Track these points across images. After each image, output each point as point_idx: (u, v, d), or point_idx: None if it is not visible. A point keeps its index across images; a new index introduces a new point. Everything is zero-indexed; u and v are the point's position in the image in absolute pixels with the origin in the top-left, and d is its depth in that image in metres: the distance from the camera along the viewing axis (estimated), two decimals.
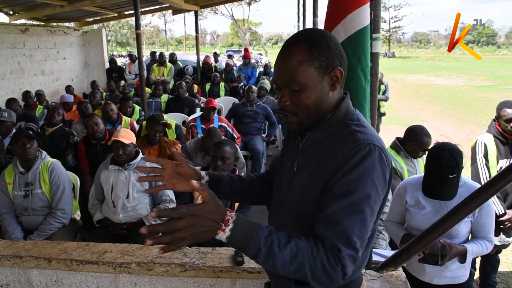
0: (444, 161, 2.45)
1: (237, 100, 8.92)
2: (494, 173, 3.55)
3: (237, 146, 5.03)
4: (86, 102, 6.69)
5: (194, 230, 1.17)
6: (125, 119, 5.95)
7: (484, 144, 3.61)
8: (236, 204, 3.47)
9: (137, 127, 5.94)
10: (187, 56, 16.84)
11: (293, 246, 1.22)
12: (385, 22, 61.94)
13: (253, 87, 7.22)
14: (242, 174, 3.70)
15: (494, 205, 3.36)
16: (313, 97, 1.37)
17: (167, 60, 11.72)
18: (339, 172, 1.29)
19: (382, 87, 9.26)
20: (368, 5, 2.24)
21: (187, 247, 2.58)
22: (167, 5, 11.53)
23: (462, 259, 2.54)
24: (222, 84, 10.08)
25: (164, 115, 5.67)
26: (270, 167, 1.89)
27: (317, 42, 1.35)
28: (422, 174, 2.70)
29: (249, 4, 57.86)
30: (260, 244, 1.20)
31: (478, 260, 3.86)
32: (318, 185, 1.36)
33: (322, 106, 1.39)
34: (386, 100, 9.52)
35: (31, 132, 3.71)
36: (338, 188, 1.28)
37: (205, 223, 1.18)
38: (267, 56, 41.35)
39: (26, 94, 7.67)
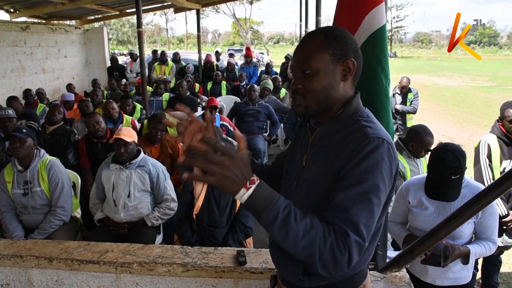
0: (447, 162, 2.43)
1: (238, 99, 8.90)
2: (497, 174, 3.54)
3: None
4: (87, 100, 6.67)
5: (225, 172, 1.18)
6: (127, 117, 5.93)
7: (488, 144, 3.60)
8: (238, 202, 3.47)
9: (138, 125, 5.92)
10: (189, 54, 16.86)
11: (307, 221, 1.24)
12: (387, 21, 61.68)
13: (255, 86, 7.21)
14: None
15: (497, 206, 3.34)
16: (324, 82, 1.41)
17: (169, 59, 11.70)
18: (349, 164, 1.32)
19: (410, 95, 7.71)
20: (383, 4, 2.24)
21: (189, 247, 2.57)
22: (169, 3, 11.52)
23: (465, 261, 2.53)
24: (223, 83, 10.08)
25: (165, 113, 5.65)
26: (276, 160, 1.89)
27: (335, 34, 1.43)
28: (425, 174, 2.68)
29: (251, 3, 57.76)
30: (279, 211, 1.22)
31: (480, 261, 3.85)
32: (328, 177, 1.40)
33: (331, 94, 1.44)
34: (413, 112, 7.72)
35: (24, 130, 3.68)
36: (348, 179, 1.32)
37: (236, 171, 1.19)
38: (269, 55, 41.32)
39: (26, 92, 7.65)
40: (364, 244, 1.28)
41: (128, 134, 3.69)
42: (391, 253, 2.57)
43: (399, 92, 7.71)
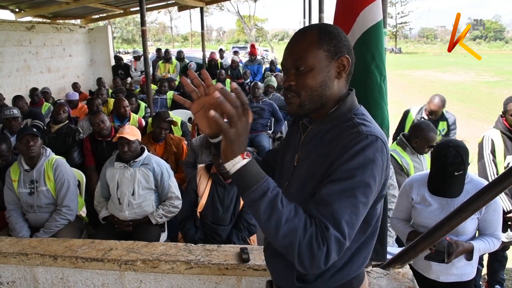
0: (450, 158, 2.43)
1: None
2: (501, 169, 3.53)
3: None
4: (98, 99, 6.64)
5: (240, 131, 1.18)
6: (133, 116, 5.93)
7: (491, 140, 3.58)
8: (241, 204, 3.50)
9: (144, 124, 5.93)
10: (193, 52, 16.85)
11: (292, 208, 1.23)
12: (391, 17, 61.68)
13: (259, 83, 7.20)
14: None
15: (502, 201, 3.33)
16: (319, 79, 1.37)
17: (174, 57, 11.70)
18: (339, 160, 1.28)
19: (442, 125, 5.07)
20: (379, 0, 2.23)
21: (193, 245, 2.58)
22: (173, 1, 11.53)
23: (469, 257, 2.52)
24: (228, 80, 10.07)
25: (169, 112, 5.66)
26: (266, 156, 1.86)
27: (328, 30, 1.39)
28: (428, 170, 2.68)
29: (255, 0, 57.73)
30: (269, 188, 1.21)
31: (485, 257, 3.84)
32: (317, 175, 1.35)
33: (326, 91, 1.39)
34: None
35: (35, 130, 3.72)
36: (336, 174, 1.27)
37: (244, 135, 1.20)
38: (273, 52, 41.20)
39: (33, 92, 7.68)
40: (344, 242, 1.22)
41: (132, 133, 3.70)
42: (395, 250, 2.58)
43: (426, 118, 4.97)
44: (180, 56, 12.03)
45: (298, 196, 1.44)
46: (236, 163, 1.20)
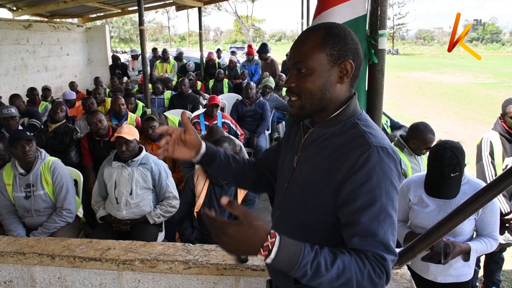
0: (446, 159, 2.43)
1: (240, 96, 8.90)
2: (499, 171, 3.53)
3: (240, 143, 5.04)
4: (91, 98, 6.65)
5: (233, 246, 1.17)
6: (131, 115, 5.93)
7: (490, 142, 3.59)
8: (240, 198, 3.47)
9: None
10: (191, 52, 16.85)
11: (339, 263, 1.22)
12: (389, 19, 61.79)
13: (251, 83, 7.21)
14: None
15: (500, 203, 3.34)
16: (318, 83, 1.36)
17: (171, 57, 11.66)
18: (355, 178, 1.28)
19: (383, 118, 4.61)
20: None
21: (191, 244, 2.58)
22: (171, 1, 11.51)
23: (466, 257, 2.53)
24: (225, 80, 10.04)
25: (167, 112, 5.66)
26: (263, 156, 1.86)
27: (335, 33, 1.36)
28: (425, 172, 2.68)
29: (253, 0, 57.75)
30: (307, 269, 1.18)
31: (482, 258, 3.84)
32: (328, 186, 1.35)
33: (326, 95, 1.38)
34: None
35: (28, 133, 3.65)
36: (361, 198, 1.28)
37: (241, 246, 1.16)
38: (271, 52, 41.19)
39: (32, 91, 7.64)
40: (396, 257, 1.29)
41: (129, 132, 3.70)
42: None
43: None
44: (179, 56, 11.98)
45: (300, 200, 1.45)
46: (263, 259, 1.18)
